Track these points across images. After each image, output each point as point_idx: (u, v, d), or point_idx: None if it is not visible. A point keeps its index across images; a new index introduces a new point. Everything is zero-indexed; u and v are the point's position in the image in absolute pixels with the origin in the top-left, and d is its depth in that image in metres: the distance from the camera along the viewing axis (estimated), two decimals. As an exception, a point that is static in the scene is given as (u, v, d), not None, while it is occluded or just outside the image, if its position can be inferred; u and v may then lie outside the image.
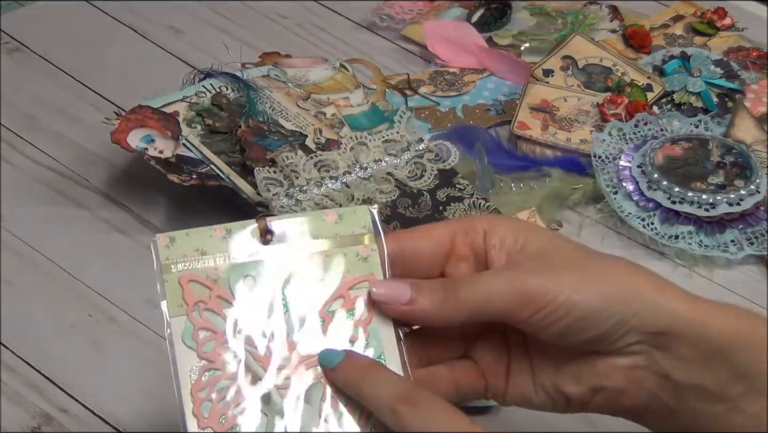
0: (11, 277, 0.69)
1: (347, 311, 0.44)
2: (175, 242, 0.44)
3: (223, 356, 0.43)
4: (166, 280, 0.44)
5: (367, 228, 0.45)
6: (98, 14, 0.95)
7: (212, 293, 0.43)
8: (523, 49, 0.91)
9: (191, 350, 0.43)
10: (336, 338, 0.44)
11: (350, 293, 0.44)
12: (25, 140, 0.80)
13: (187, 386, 0.43)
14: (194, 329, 0.43)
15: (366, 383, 0.41)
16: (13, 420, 0.60)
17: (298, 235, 0.45)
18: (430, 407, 0.39)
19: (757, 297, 0.70)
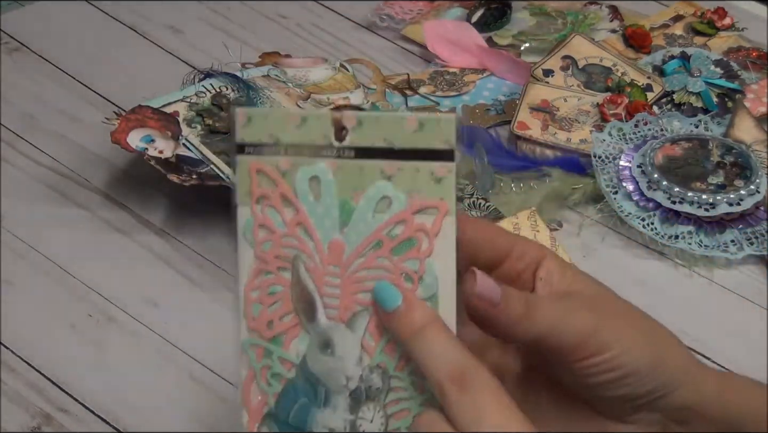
0: (11, 277, 0.69)
1: (407, 238, 0.40)
2: (252, 122, 0.41)
3: (277, 259, 0.41)
4: (239, 162, 0.41)
5: (449, 144, 0.40)
6: (98, 14, 0.95)
7: (277, 189, 0.41)
8: (523, 49, 0.91)
9: (250, 246, 0.41)
10: (390, 266, 0.40)
11: (414, 218, 0.40)
12: (25, 140, 0.80)
13: (244, 283, 0.42)
14: (255, 224, 0.41)
15: (418, 344, 0.38)
16: (13, 420, 0.60)
17: (372, 137, 0.40)
18: (481, 395, 0.36)
19: (757, 297, 0.70)
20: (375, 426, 0.41)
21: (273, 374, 0.41)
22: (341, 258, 0.40)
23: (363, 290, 0.40)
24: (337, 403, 0.41)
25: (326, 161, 0.40)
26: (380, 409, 0.40)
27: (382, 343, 0.40)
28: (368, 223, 0.40)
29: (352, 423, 0.41)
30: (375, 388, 0.40)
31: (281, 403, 0.41)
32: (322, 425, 0.41)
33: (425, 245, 0.40)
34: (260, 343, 0.41)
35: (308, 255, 0.41)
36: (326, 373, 0.41)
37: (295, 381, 0.41)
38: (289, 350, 0.41)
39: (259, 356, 0.42)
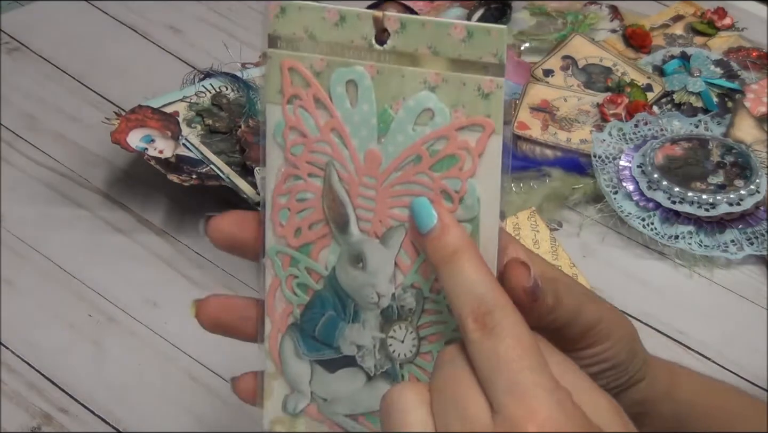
0: (11, 277, 0.69)
1: (449, 155, 0.37)
2: (285, 13, 0.38)
3: (309, 164, 0.38)
4: (270, 56, 0.38)
5: (498, 57, 0.36)
6: (98, 14, 0.95)
7: (310, 90, 0.38)
8: (523, 49, 0.91)
9: (280, 149, 0.39)
10: (428, 182, 0.37)
11: (457, 135, 0.37)
12: (25, 140, 0.80)
13: (272, 187, 0.39)
14: (286, 125, 0.38)
15: (446, 270, 0.35)
16: (13, 420, 0.60)
17: (416, 43, 0.37)
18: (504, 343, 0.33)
19: (757, 297, 0.70)
20: (406, 347, 0.39)
21: (299, 284, 0.40)
22: (377, 170, 0.38)
23: (399, 205, 0.38)
24: (367, 319, 0.39)
25: (365, 65, 0.37)
26: (413, 330, 0.38)
27: (417, 262, 0.38)
28: (408, 135, 0.37)
29: (382, 342, 0.39)
30: (408, 308, 0.38)
31: (307, 314, 0.40)
32: (350, 341, 0.39)
33: (468, 164, 0.37)
34: (287, 251, 0.39)
35: (342, 163, 0.38)
36: (356, 288, 0.39)
37: (322, 293, 0.39)
38: (318, 261, 0.39)
39: (286, 263, 0.40)
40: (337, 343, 0.39)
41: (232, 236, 0.40)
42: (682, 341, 0.67)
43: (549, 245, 0.69)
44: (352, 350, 0.39)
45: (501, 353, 0.32)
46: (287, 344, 0.40)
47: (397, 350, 0.39)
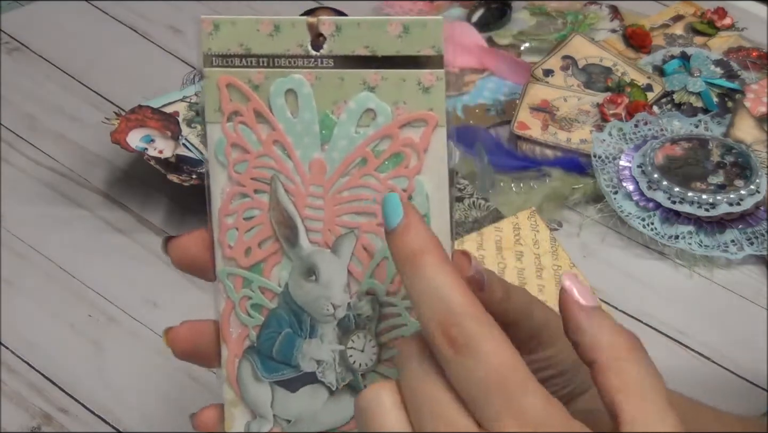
0: (11, 277, 0.69)
1: (394, 153, 0.37)
2: (219, 30, 0.37)
3: (254, 181, 0.38)
4: (206, 76, 0.38)
5: (436, 48, 0.36)
6: (98, 14, 0.95)
7: (250, 104, 0.37)
8: (523, 49, 0.91)
9: (223, 168, 0.38)
10: (376, 184, 0.37)
11: (400, 132, 0.37)
12: (25, 140, 0.80)
13: (217, 207, 0.39)
14: (227, 143, 0.38)
15: (410, 272, 0.33)
16: (13, 420, 0.60)
17: (352, 44, 0.37)
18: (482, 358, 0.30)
19: (757, 297, 0.70)
20: (366, 356, 0.38)
21: (253, 305, 0.39)
22: (323, 178, 0.37)
23: (348, 212, 0.37)
24: (325, 333, 0.38)
25: (303, 72, 0.37)
26: (371, 338, 0.38)
27: (371, 267, 0.37)
28: (351, 138, 0.37)
29: (341, 354, 0.38)
30: (365, 316, 0.38)
31: (264, 335, 0.39)
32: (309, 357, 0.38)
33: (414, 161, 0.37)
34: (238, 272, 0.39)
35: (287, 175, 0.38)
36: (311, 301, 0.38)
37: (277, 311, 0.39)
38: (271, 278, 0.38)
39: (238, 285, 0.39)
40: (295, 361, 0.39)
41: (193, 256, 0.39)
42: (682, 341, 0.67)
43: (549, 245, 0.69)
44: (312, 366, 0.38)
45: (481, 375, 0.30)
46: (245, 368, 0.39)
47: (357, 360, 0.38)
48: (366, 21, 0.36)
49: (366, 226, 0.37)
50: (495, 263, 0.66)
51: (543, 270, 0.68)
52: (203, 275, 0.39)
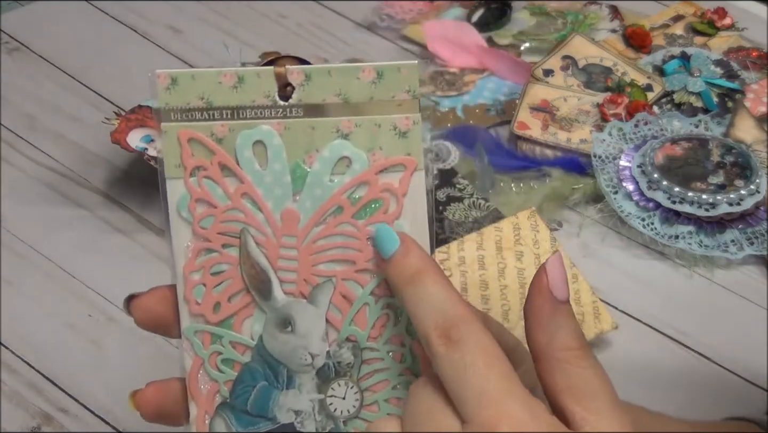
0: (11, 277, 0.69)
1: (372, 199, 0.37)
2: (177, 84, 0.36)
3: (221, 235, 0.37)
4: (165, 131, 0.37)
5: (412, 92, 0.36)
6: (98, 14, 0.95)
7: (215, 158, 0.37)
8: (523, 49, 0.91)
9: (187, 224, 0.37)
10: (353, 231, 0.37)
11: (378, 178, 0.36)
12: (25, 140, 0.80)
13: (181, 264, 0.38)
14: (191, 198, 0.37)
15: (409, 291, 0.34)
16: (13, 420, 0.60)
17: (323, 93, 0.36)
18: (470, 353, 0.32)
19: (757, 297, 0.70)
20: (348, 403, 0.38)
21: (224, 360, 0.38)
22: (296, 227, 0.37)
23: (324, 261, 0.37)
24: (303, 383, 0.38)
25: (271, 122, 0.36)
26: (353, 385, 0.38)
27: (351, 313, 0.37)
28: (325, 187, 0.37)
29: (321, 403, 0.38)
30: (346, 363, 0.37)
31: (237, 390, 0.38)
32: (286, 408, 0.38)
33: (393, 206, 0.37)
34: (206, 328, 0.38)
35: (257, 228, 0.37)
36: (287, 352, 0.37)
37: (251, 365, 0.38)
38: (242, 332, 0.38)
39: (206, 342, 0.38)
40: (272, 413, 0.38)
41: (157, 316, 0.38)
42: (682, 341, 0.67)
43: (549, 245, 0.69)
44: (290, 417, 0.38)
45: (468, 363, 0.32)
46: (218, 424, 0.38)
47: (338, 408, 0.38)
48: (337, 69, 0.36)
49: (343, 273, 0.37)
50: (495, 262, 0.66)
51: (543, 270, 0.67)
52: (168, 333, 0.38)
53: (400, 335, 0.37)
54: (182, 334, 0.38)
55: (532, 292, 0.35)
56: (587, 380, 0.33)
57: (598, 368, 0.34)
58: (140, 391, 0.39)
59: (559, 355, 0.34)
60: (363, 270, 0.37)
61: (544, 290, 0.34)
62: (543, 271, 0.35)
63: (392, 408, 0.37)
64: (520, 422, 0.31)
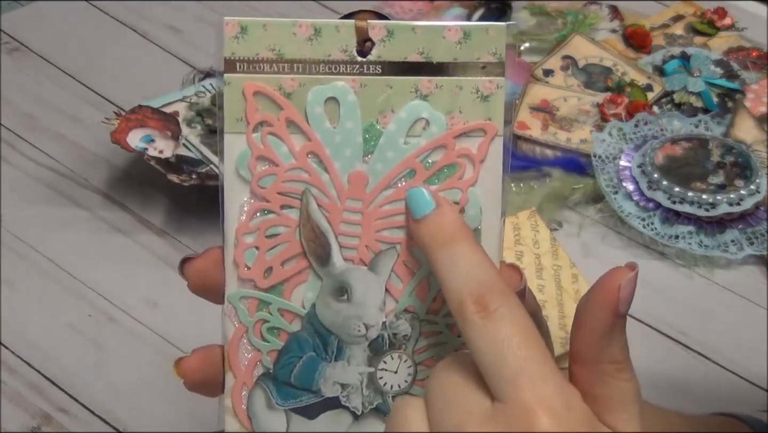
0: (11, 277, 0.69)
1: (447, 165, 0.35)
2: (246, 33, 0.34)
3: (281, 195, 0.35)
4: (227, 82, 0.34)
5: (498, 55, 0.34)
6: (98, 14, 0.95)
7: (282, 113, 0.34)
8: (523, 49, 0.91)
9: (244, 182, 0.35)
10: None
11: (456, 143, 0.35)
12: (25, 140, 0.80)
13: (233, 226, 0.35)
14: (252, 156, 0.35)
15: (442, 254, 0.32)
16: (13, 420, 0.60)
17: (405, 51, 0.34)
18: (505, 326, 0.30)
19: (757, 297, 0.70)
20: (400, 377, 0.36)
21: (270, 328, 0.36)
22: (363, 191, 0.35)
23: (389, 227, 0.35)
24: (353, 355, 0.36)
25: (345, 79, 0.34)
26: (407, 358, 0.36)
27: (412, 283, 0.35)
28: (399, 149, 0.35)
29: (370, 376, 0.36)
30: (402, 335, 0.35)
31: (282, 360, 0.36)
32: (333, 381, 0.36)
33: (469, 172, 0.35)
34: (254, 294, 0.36)
35: (321, 189, 0.35)
36: (340, 322, 0.35)
37: (299, 334, 0.36)
38: (292, 300, 0.36)
39: (252, 309, 0.36)
40: (317, 386, 0.36)
41: (210, 279, 0.36)
42: (682, 341, 0.67)
43: (549, 244, 0.69)
44: (336, 390, 0.36)
45: (505, 338, 0.30)
46: (257, 396, 0.36)
47: (389, 382, 0.36)
48: (422, 26, 0.34)
49: (409, 241, 0.35)
50: (495, 263, 0.67)
51: (543, 270, 0.67)
52: (220, 298, 0.37)
53: None
54: (226, 300, 0.36)
55: (597, 301, 0.33)
56: (624, 393, 0.33)
57: (634, 381, 0.33)
58: (185, 358, 0.37)
59: (604, 367, 0.33)
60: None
61: (610, 304, 0.33)
62: (617, 286, 0.34)
63: None
64: (555, 409, 0.29)
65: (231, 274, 0.36)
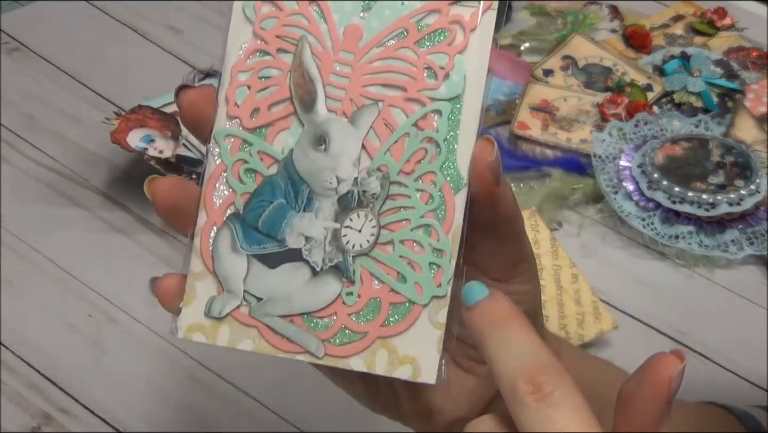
0: (11, 277, 0.69)
1: (439, 29, 0.35)
2: None
3: (279, 39, 0.36)
4: None
5: None
6: (98, 14, 0.95)
7: None
8: (523, 49, 0.91)
9: (248, 22, 0.36)
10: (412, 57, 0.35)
11: (450, 9, 0.35)
12: (25, 140, 0.80)
13: (231, 62, 0.36)
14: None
15: (495, 335, 0.32)
16: (13, 420, 0.60)
17: None
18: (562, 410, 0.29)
19: (757, 297, 0.70)
20: (363, 237, 0.35)
21: (247, 170, 0.36)
22: (356, 45, 0.35)
23: (376, 83, 0.35)
24: (321, 207, 0.35)
25: None
26: (372, 218, 0.35)
27: (389, 142, 0.35)
28: (395, 8, 0.35)
29: (334, 232, 0.35)
30: (371, 193, 0.35)
31: (253, 202, 0.36)
32: (297, 232, 0.35)
33: (459, 38, 0.35)
34: (238, 132, 0.36)
35: (317, 38, 0.35)
36: (314, 172, 0.35)
37: (273, 178, 0.36)
38: (274, 144, 0.36)
39: (235, 147, 0.36)
40: (282, 235, 0.35)
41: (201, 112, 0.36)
42: (682, 341, 0.67)
43: (549, 244, 0.69)
44: (299, 242, 0.35)
45: (560, 424, 0.29)
46: (223, 236, 0.36)
47: (351, 241, 0.35)
48: None
49: (391, 99, 0.35)
50: (495, 263, 0.66)
51: (543, 270, 0.67)
52: (205, 136, 0.37)
53: (433, 173, 0.35)
54: (212, 137, 0.36)
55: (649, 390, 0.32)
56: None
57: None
58: (157, 179, 0.37)
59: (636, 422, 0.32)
60: (412, 99, 0.35)
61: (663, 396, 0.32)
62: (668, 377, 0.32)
63: (407, 250, 0.35)
64: None
65: (221, 111, 0.36)
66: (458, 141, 0.35)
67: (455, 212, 0.35)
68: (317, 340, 0.35)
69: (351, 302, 0.35)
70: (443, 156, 0.35)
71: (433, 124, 0.35)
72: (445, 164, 0.35)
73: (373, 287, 0.35)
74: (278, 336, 0.35)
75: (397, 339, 0.35)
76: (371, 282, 0.35)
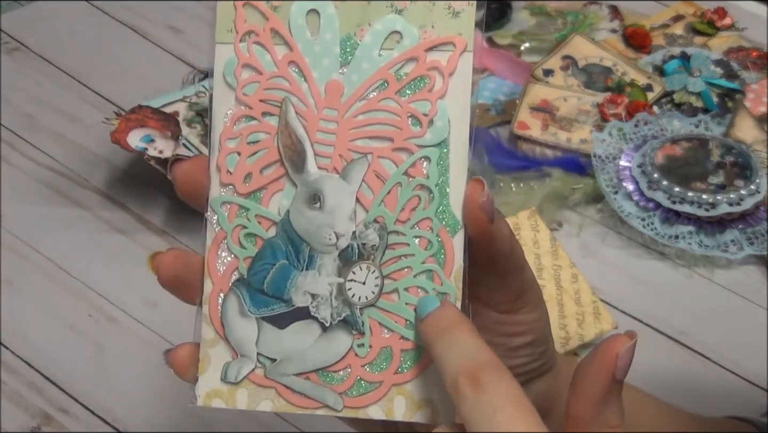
0: (11, 277, 0.69)
1: (418, 76, 0.36)
2: None
3: (263, 103, 0.36)
4: None
5: None
6: (98, 14, 0.95)
7: (267, 23, 0.36)
8: (523, 49, 0.91)
9: (230, 90, 0.37)
10: (395, 108, 0.36)
11: (427, 56, 0.36)
12: (25, 140, 0.80)
13: (219, 130, 0.37)
14: (238, 63, 0.37)
15: (440, 341, 0.34)
16: (13, 420, 0.60)
17: None
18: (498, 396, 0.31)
19: (757, 297, 0.70)
20: (368, 288, 0.36)
21: (247, 235, 0.36)
22: (339, 100, 0.36)
23: (362, 136, 0.36)
24: (324, 264, 0.36)
25: None
26: (375, 269, 0.36)
27: (382, 193, 0.36)
28: (373, 61, 0.36)
29: (339, 287, 0.36)
30: (371, 245, 0.36)
31: (256, 266, 0.36)
32: (303, 291, 0.36)
33: (438, 84, 0.36)
34: (234, 199, 0.36)
35: (300, 98, 0.36)
36: (313, 230, 0.36)
37: (273, 240, 0.36)
38: (270, 207, 0.36)
39: (232, 214, 0.37)
40: (288, 295, 0.36)
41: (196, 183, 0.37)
42: (682, 341, 0.67)
43: (549, 244, 0.69)
44: (306, 300, 0.36)
45: (497, 407, 0.31)
46: (231, 302, 0.37)
47: (357, 294, 0.36)
48: None
49: (380, 151, 0.36)
50: (495, 263, 0.66)
51: (543, 270, 0.67)
52: (202, 204, 0.37)
53: (429, 219, 0.36)
54: (209, 205, 0.37)
55: (596, 366, 0.34)
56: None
57: None
58: (161, 253, 0.37)
59: (600, 430, 0.33)
60: (400, 149, 0.36)
61: (608, 370, 0.34)
62: (615, 353, 0.34)
63: (412, 298, 0.36)
64: None
65: (214, 179, 0.37)
66: (449, 184, 0.36)
67: (455, 255, 0.36)
68: (334, 394, 0.36)
69: (363, 353, 0.36)
70: (437, 201, 0.36)
71: (423, 171, 0.36)
72: (440, 209, 0.36)
73: (383, 336, 0.36)
74: (296, 394, 0.36)
75: (412, 385, 0.36)
76: (381, 332, 0.36)
